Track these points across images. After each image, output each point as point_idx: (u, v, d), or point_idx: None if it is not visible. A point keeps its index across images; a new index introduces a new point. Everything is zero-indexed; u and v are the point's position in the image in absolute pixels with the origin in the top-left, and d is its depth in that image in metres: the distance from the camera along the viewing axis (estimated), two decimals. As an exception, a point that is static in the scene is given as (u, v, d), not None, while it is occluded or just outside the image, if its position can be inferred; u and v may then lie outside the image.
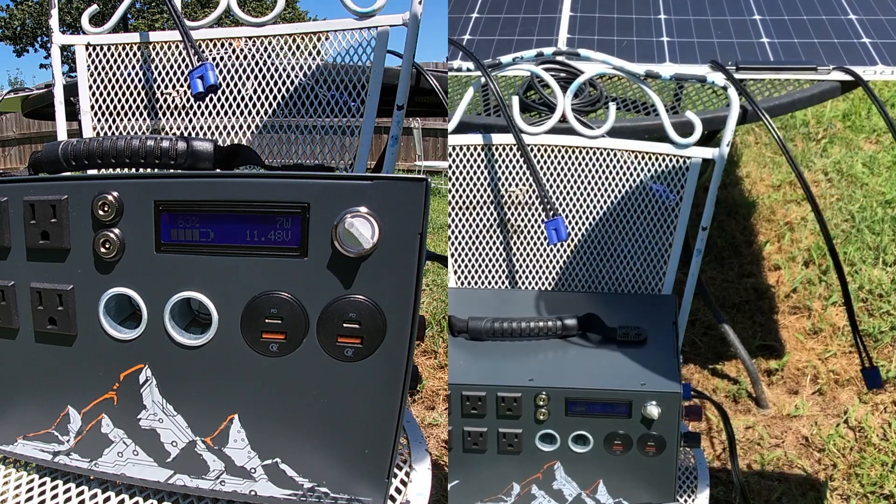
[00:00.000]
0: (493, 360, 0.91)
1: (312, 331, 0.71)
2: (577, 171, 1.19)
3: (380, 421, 0.73)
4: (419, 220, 0.68)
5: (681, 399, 0.83)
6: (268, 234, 0.70)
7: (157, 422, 0.75)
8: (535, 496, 0.88)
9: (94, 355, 0.75)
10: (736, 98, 1.14)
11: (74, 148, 0.79)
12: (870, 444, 1.65)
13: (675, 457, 0.84)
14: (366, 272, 0.69)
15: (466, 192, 1.20)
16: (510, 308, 1.03)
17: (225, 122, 1.09)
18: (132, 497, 0.79)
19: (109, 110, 1.12)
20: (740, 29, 1.67)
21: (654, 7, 1.81)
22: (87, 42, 1.12)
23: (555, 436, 0.85)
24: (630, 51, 1.62)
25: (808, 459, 1.65)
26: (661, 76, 1.14)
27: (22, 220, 0.73)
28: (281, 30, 1.06)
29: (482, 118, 1.41)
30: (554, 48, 1.21)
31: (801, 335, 2.03)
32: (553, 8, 1.83)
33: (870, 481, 1.55)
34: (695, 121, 1.16)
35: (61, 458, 0.79)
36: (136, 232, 0.71)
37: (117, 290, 0.73)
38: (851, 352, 1.95)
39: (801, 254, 2.37)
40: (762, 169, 2.98)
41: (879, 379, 1.18)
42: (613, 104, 1.19)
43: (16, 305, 0.75)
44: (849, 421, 1.73)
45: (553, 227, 1.08)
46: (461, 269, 1.21)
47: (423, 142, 7.74)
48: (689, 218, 1.16)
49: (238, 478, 0.76)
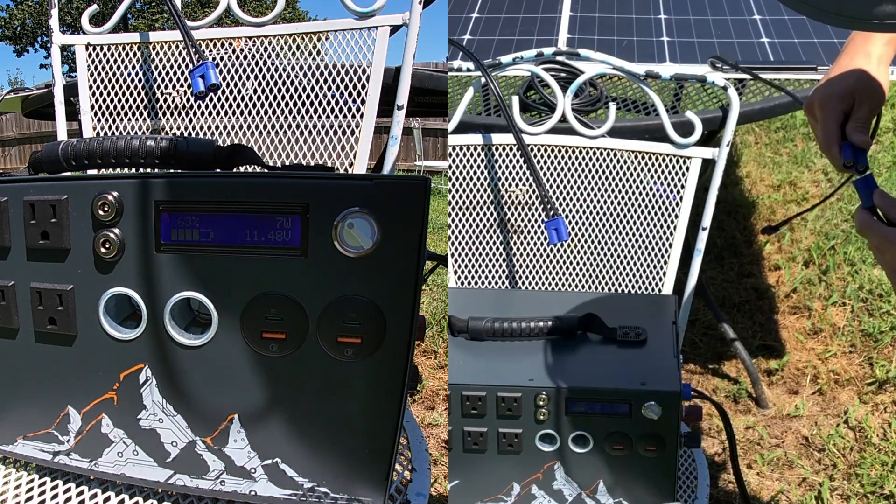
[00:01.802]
0: (493, 360, 0.91)
1: (312, 331, 0.71)
2: (577, 171, 1.19)
3: (380, 421, 0.73)
4: (419, 220, 0.68)
5: (681, 399, 0.83)
6: (268, 234, 0.70)
7: (157, 422, 0.75)
8: (535, 496, 0.88)
9: (94, 355, 0.75)
10: (736, 98, 1.14)
11: (74, 148, 0.79)
12: (870, 444, 1.65)
13: (675, 457, 0.84)
14: (366, 272, 0.69)
15: (466, 192, 1.20)
16: (510, 308, 1.03)
17: (225, 122, 1.09)
18: (132, 497, 0.79)
19: (109, 110, 1.12)
20: (740, 29, 1.67)
21: (654, 7, 1.81)
22: (87, 42, 1.12)
23: (555, 436, 0.85)
24: (630, 51, 1.62)
25: (808, 459, 1.65)
26: (661, 76, 1.14)
27: (22, 220, 0.73)
28: (281, 30, 1.06)
29: (482, 118, 1.41)
30: (554, 48, 1.21)
31: (801, 335, 2.03)
32: (553, 8, 1.83)
33: (870, 481, 1.55)
34: (695, 121, 1.16)
35: (61, 458, 0.78)
36: (136, 232, 0.71)
37: (117, 290, 0.73)
38: (852, 352, 1.96)
39: (801, 254, 2.37)
40: (762, 169, 2.98)
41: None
42: (613, 104, 1.19)
43: (16, 305, 0.75)
44: (849, 421, 1.73)
45: (553, 227, 1.08)
46: (461, 269, 1.21)
47: (423, 142, 7.74)
48: (689, 218, 1.16)
49: (238, 478, 0.75)
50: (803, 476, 1.60)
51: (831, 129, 0.79)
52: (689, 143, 1.15)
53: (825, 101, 0.80)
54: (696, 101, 1.47)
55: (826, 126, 0.79)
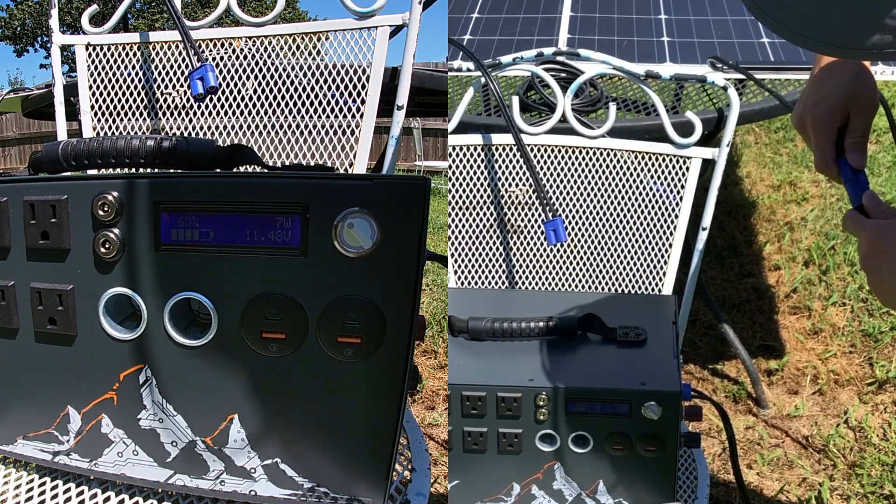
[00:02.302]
0: (493, 360, 0.91)
1: (312, 331, 0.71)
2: (577, 171, 1.19)
3: (380, 421, 0.73)
4: (419, 220, 0.68)
5: (681, 399, 0.83)
6: (268, 234, 0.70)
7: (157, 422, 0.75)
8: (535, 496, 0.88)
9: (94, 355, 0.75)
10: (736, 98, 1.14)
11: (74, 148, 0.79)
12: (870, 444, 1.65)
13: (675, 457, 0.84)
14: (366, 272, 0.69)
15: (466, 192, 1.20)
16: (510, 308, 1.03)
17: (225, 122, 1.09)
18: (132, 497, 0.79)
19: (109, 110, 1.12)
20: (740, 29, 1.67)
21: (655, 7, 1.81)
22: (87, 42, 1.12)
23: (555, 436, 0.85)
24: (630, 51, 1.62)
25: (808, 459, 1.65)
26: (661, 76, 1.14)
27: (22, 220, 0.73)
28: (281, 30, 1.06)
29: (482, 118, 1.41)
30: (554, 48, 1.21)
31: (801, 335, 2.03)
32: (553, 8, 1.83)
33: (870, 481, 1.55)
34: (695, 121, 1.16)
35: (61, 458, 0.78)
36: (136, 232, 0.71)
37: (117, 290, 0.73)
38: (852, 352, 1.96)
39: (801, 254, 2.37)
40: (762, 169, 2.98)
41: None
42: (613, 104, 1.19)
43: (16, 305, 0.75)
44: (849, 421, 1.73)
45: (552, 228, 1.08)
46: (461, 269, 1.21)
47: (423, 142, 7.74)
48: (689, 218, 1.16)
49: (238, 478, 0.75)
50: (803, 476, 1.60)
51: (826, 148, 0.78)
52: (689, 144, 1.15)
53: (818, 120, 0.78)
54: (696, 101, 1.47)
55: (821, 145, 0.78)
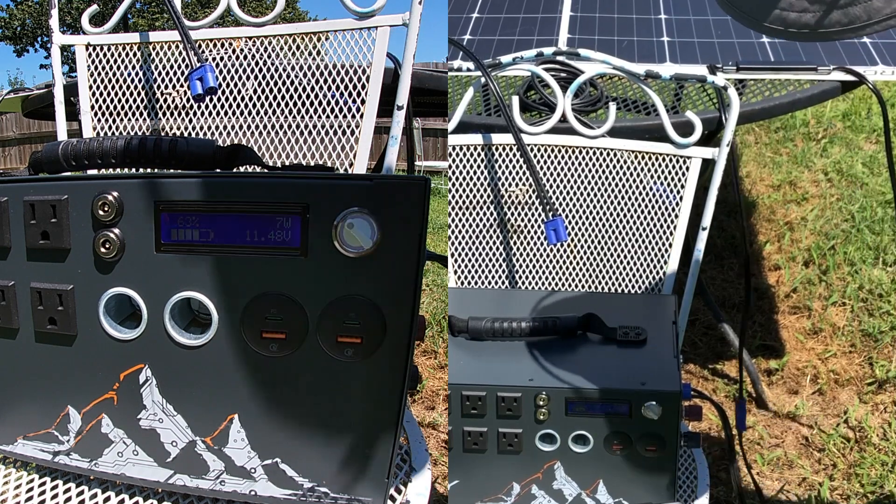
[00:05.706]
0: (493, 360, 0.91)
1: (312, 331, 0.71)
2: (577, 171, 1.19)
3: (380, 421, 0.73)
4: (419, 220, 0.68)
5: (681, 399, 0.83)
6: (268, 234, 0.70)
7: (157, 422, 0.75)
8: (535, 496, 0.88)
9: (94, 355, 0.75)
10: (736, 98, 1.14)
11: (74, 148, 0.79)
12: (870, 444, 1.65)
13: (675, 457, 0.84)
14: (366, 272, 0.69)
15: (466, 192, 1.20)
16: (510, 308, 1.03)
17: (225, 122, 1.09)
18: (132, 497, 0.79)
19: (109, 110, 1.12)
20: (741, 29, 1.67)
21: (655, 7, 1.81)
22: (87, 42, 1.12)
23: (555, 436, 0.85)
24: (630, 51, 1.62)
25: (808, 459, 1.65)
26: (661, 76, 1.14)
27: (22, 220, 0.73)
28: (281, 30, 1.06)
29: (482, 118, 1.41)
30: (554, 48, 1.21)
31: (801, 335, 2.03)
32: (553, 8, 1.83)
33: (870, 481, 1.55)
34: (695, 121, 1.16)
35: (61, 458, 0.79)
36: (136, 232, 0.71)
37: (117, 290, 0.73)
38: (852, 352, 1.96)
39: (801, 254, 2.37)
40: (762, 169, 2.98)
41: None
42: (613, 104, 1.19)
43: (16, 305, 0.75)
44: (849, 421, 1.73)
45: (552, 228, 1.08)
46: (461, 269, 1.21)
47: (423, 142, 7.73)
48: (689, 218, 1.16)
49: (238, 478, 0.76)
50: (803, 476, 1.60)
51: None
52: (689, 143, 1.15)
53: None
54: (696, 101, 1.47)
55: None
